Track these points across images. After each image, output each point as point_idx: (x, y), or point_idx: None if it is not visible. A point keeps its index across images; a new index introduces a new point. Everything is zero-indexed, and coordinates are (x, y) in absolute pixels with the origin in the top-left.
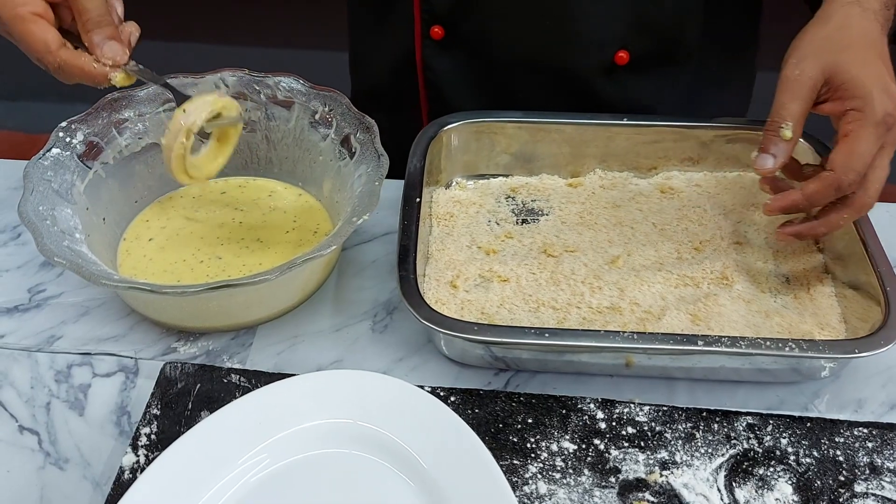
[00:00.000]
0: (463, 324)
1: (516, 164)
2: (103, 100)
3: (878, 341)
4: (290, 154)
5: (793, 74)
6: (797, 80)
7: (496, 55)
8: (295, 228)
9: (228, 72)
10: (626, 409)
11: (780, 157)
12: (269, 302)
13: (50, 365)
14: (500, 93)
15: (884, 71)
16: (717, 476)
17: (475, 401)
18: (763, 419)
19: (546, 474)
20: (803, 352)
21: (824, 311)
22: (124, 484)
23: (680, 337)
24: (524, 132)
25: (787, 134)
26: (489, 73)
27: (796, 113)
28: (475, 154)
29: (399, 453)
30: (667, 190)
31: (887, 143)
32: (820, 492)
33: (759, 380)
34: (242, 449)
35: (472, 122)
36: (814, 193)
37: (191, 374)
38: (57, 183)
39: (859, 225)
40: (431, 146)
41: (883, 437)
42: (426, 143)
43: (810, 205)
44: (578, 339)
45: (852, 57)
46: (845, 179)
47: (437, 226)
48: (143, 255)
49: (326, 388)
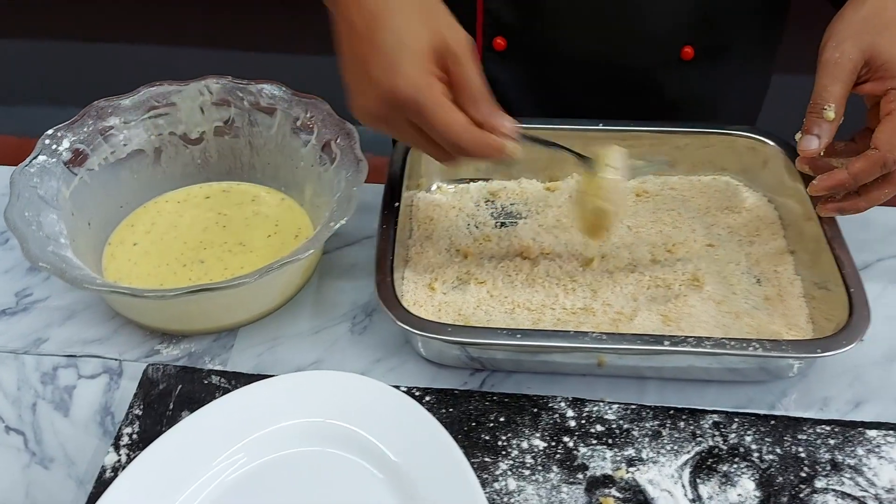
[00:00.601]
0: (437, 325)
1: (496, 169)
2: (89, 107)
3: (841, 341)
4: (272, 159)
5: (832, 57)
6: (837, 63)
7: (559, 61)
8: (277, 232)
9: (213, 79)
10: (595, 408)
11: (824, 138)
12: (250, 305)
13: (36, 367)
14: (560, 99)
15: None
16: (681, 472)
17: (450, 400)
18: (729, 417)
19: (516, 471)
20: (767, 352)
21: (793, 312)
22: (106, 482)
23: (648, 337)
24: None
25: (830, 115)
26: (550, 79)
27: (838, 94)
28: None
29: (372, 450)
30: (642, 193)
31: None
32: (781, 487)
33: (728, 379)
34: (220, 448)
35: None
36: (860, 172)
37: (172, 376)
38: (43, 189)
39: (827, 228)
40: (412, 151)
41: (845, 434)
42: (406, 148)
43: (856, 183)
44: (549, 339)
45: (891, 37)
46: (891, 157)
47: (417, 229)
48: (127, 260)
49: (303, 388)
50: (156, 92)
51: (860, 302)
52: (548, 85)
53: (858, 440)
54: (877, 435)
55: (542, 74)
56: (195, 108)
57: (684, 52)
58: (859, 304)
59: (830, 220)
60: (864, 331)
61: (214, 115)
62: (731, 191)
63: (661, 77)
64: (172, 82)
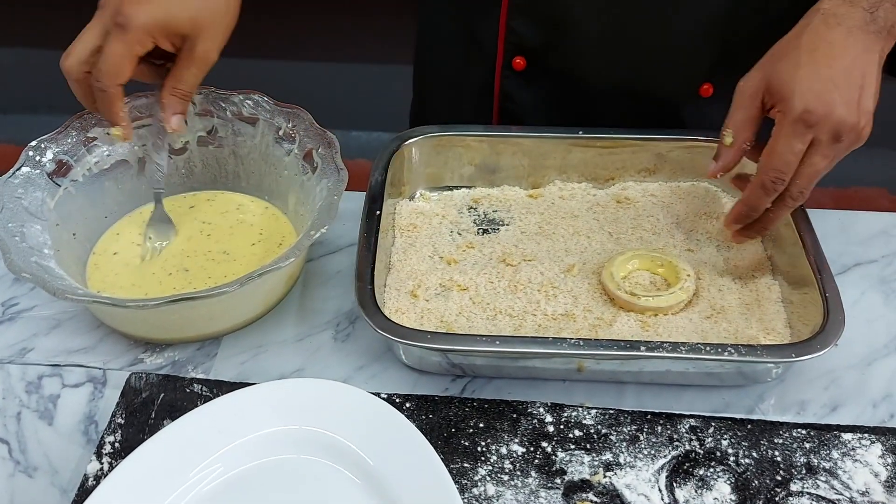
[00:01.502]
0: (417, 332)
1: (479, 176)
2: (73, 118)
3: (815, 346)
4: (256, 169)
5: (740, 85)
6: (740, 90)
7: (578, 84)
8: (261, 241)
9: None
10: (574, 413)
11: (720, 162)
12: (232, 313)
13: (21, 376)
14: (575, 122)
15: (821, 72)
16: (658, 477)
17: (430, 406)
18: (705, 421)
19: (495, 476)
20: (742, 356)
21: (770, 317)
22: (88, 490)
23: (624, 343)
24: (485, 145)
25: (728, 140)
26: (569, 101)
27: (738, 121)
28: (439, 166)
29: (350, 457)
30: (623, 200)
31: (818, 141)
32: (757, 491)
33: (706, 383)
34: (200, 457)
35: (433, 136)
36: (749, 198)
37: (155, 384)
38: (27, 201)
39: (804, 233)
40: (394, 160)
41: (820, 437)
42: (388, 157)
43: (751, 209)
44: (528, 346)
45: (790, 61)
46: (766, 179)
47: (399, 237)
48: (111, 269)
49: (283, 396)
50: (139, 103)
51: (835, 306)
52: (564, 107)
53: (833, 443)
54: (852, 438)
55: (560, 97)
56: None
57: (703, 90)
58: (835, 309)
59: (806, 224)
60: (838, 335)
61: (198, 125)
62: (710, 197)
63: (680, 109)
64: (154, 94)
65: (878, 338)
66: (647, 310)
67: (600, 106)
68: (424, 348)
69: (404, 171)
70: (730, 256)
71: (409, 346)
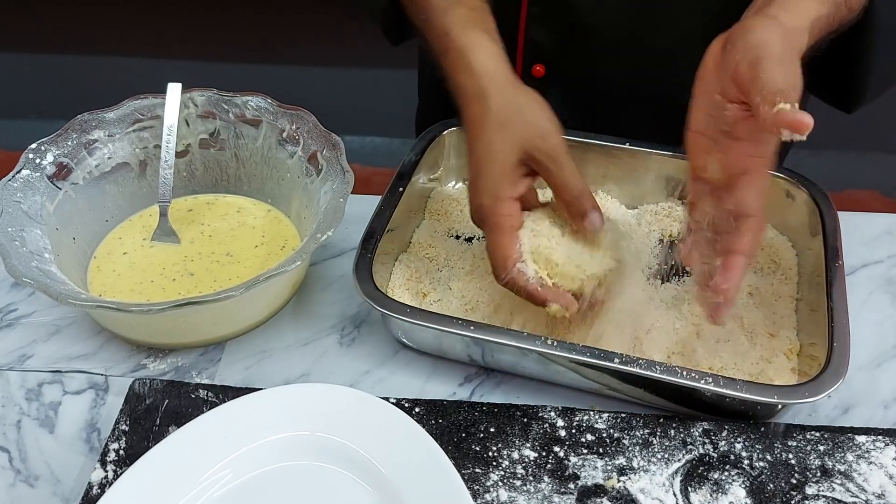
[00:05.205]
0: (398, 304)
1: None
2: (73, 121)
3: (803, 392)
4: (258, 171)
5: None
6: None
7: (596, 90)
8: (264, 243)
9: (197, 91)
10: (585, 417)
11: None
12: (236, 318)
13: (21, 383)
14: (597, 126)
15: None
16: (672, 481)
17: (439, 411)
18: (718, 425)
19: (507, 482)
20: (719, 387)
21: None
22: (92, 499)
23: (598, 351)
24: None
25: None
26: (587, 107)
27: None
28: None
29: (361, 463)
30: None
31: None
32: (772, 494)
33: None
34: (208, 463)
35: None
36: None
37: (159, 390)
38: (27, 204)
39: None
40: (433, 145)
41: (834, 440)
42: (428, 140)
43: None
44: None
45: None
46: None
47: (428, 219)
48: (112, 273)
49: (291, 401)
50: (140, 105)
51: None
52: (585, 110)
53: (848, 446)
54: (866, 440)
55: (580, 100)
56: (180, 121)
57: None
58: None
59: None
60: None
61: (199, 128)
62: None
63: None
64: (157, 95)
65: (886, 339)
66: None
67: (619, 109)
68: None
69: (443, 158)
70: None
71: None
